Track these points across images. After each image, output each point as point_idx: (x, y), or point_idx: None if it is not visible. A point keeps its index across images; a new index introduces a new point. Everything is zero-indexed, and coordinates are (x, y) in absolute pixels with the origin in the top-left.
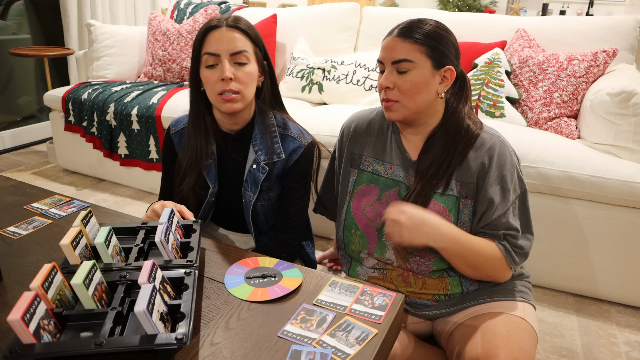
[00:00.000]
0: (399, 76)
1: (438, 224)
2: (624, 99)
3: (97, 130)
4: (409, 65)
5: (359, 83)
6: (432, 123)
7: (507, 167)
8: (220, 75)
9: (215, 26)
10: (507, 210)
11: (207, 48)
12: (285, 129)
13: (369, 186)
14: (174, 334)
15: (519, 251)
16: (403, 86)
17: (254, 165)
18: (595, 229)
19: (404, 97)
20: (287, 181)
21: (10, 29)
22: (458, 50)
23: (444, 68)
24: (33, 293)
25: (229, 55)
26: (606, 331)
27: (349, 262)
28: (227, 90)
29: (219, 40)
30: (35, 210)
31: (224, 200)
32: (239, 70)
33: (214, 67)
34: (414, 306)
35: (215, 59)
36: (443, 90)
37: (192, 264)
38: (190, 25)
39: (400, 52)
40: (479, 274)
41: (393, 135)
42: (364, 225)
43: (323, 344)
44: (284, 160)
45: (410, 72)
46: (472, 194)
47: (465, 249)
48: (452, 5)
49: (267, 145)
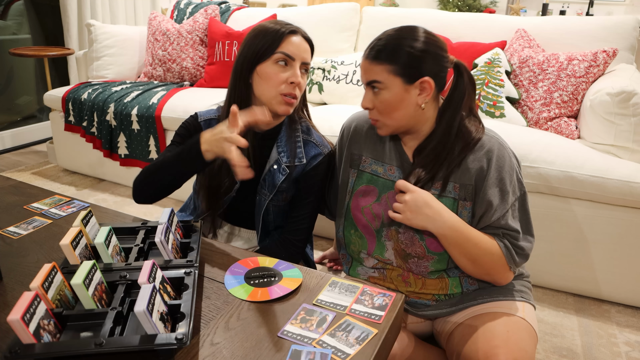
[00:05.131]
0: (375, 96)
1: (440, 209)
2: (624, 99)
3: (97, 130)
4: (379, 85)
5: (359, 83)
6: (427, 128)
7: (505, 169)
8: (291, 77)
9: (295, 31)
10: (506, 212)
11: (285, 49)
12: (309, 134)
13: (368, 187)
14: (174, 334)
15: (519, 251)
16: (379, 106)
17: (275, 165)
18: (595, 229)
19: (382, 116)
20: (302, 185)
21: (10, 29)
22: (440, 56)
23: (419, 80)
24: (33, 293)
25: (300, 63)
26: (606, 331)
27: (350, 261)
28: (292, 93)
29: (297, 46)
30: (35, 210)
31: (239, 194)
32: (302, 79)
33: (284, 67)
34: (414, 306)
35: (289, 61)
36: (424, 101)
37: (192, 264)
38: (190, 25)
39: (370, 74)
40: (478, 269)
41: (391, 137)
42: (363, 226)
43: (323, 344)
44: (304, 164)
45: (382, 91)
46: (470, 196)
47: (464, 238)
48: (452, 5)
49: (291, 148)
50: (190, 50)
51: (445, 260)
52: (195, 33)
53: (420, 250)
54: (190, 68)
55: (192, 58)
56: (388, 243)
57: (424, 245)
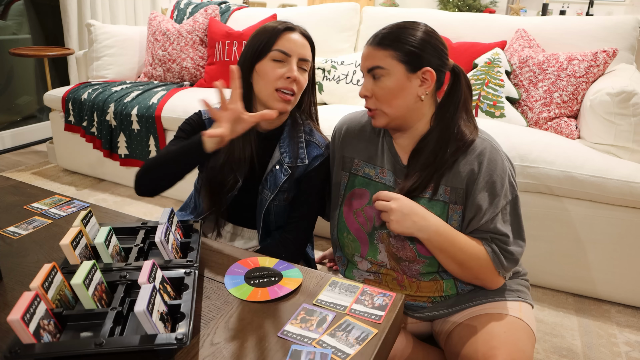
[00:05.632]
0: (374, 83)
1: (424, 214)
2: (624, 99)
3: (97, 130)
4: (381, 71)
5: (359, 83)
6: (421, 127)
7: (497, 172)
8: (286, 72)
9: (292, 28)
10: (496, 216)
11: (281, 46)
12: (311, 135)
13: (360, 190)
14: (174, 334)
15: (508, 256)
16: (378, 93)
17: (277, 166)
18: (595, 229)
19: (381, 104)
20: (303, 185)
21: (10, 29)
22: (441, 50)
23: (422, 70)
24: (33, 293)
25: (297, 59)
26: (606, 331)
27: (346, 263)
28: (288, 88)
29: (294, 42)
30: (35, 210)
31: (241, 194)
32: (301, 75)
33: (281, 64)
34: (411, 308)
35: (285, 57)
36: (424, 93)
37: (192, 264)
38: (190, 25)
39: (373, 59)
40: (466, 273)
41: (385, 139)
42: (355, 230)
43: (323, 344)
44: (306, 165)
45: (383, 78)
46: (461, 199)
47: (449, 243)
48: (452, 5)
49: (293, 149)
50: (190, 50)
51: (436, 263)
52: (195, 33)
53: (411, 254)
54: (190, 68)
55: (192, 58)
56: (380, 246)
57: (415, 250)
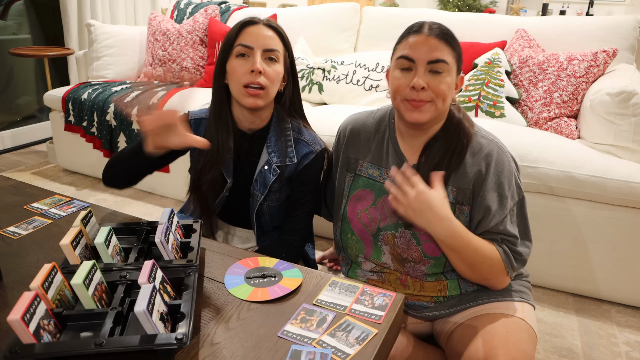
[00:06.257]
0: (433, 77)
1: (442, 216)
2: (624, 99)
3: (97, 130)
4: (444, 66)
5: (359, 83)
6: (436, 127)
7: (504, 174)
8: (250, 66)
9: (253, 22)
10: (505, 217)
11: (242, 40)
12: (300, 133)
13: (364, 191)
14: (174, 334)
15: (517, 257)
16: (438, 87)
17: (266, 166)
18: (595, 229)
19: (438, 99)
20: (295, 184)
21: (10, 29)
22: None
23: (460, 76)
24: (33, 293)
25: (262, 51)
26: (606, 331)
27: (349, 263)
28: (254, 82)
29: (255, 34)
30: (35, 210)
31: (233, 195)
32: (269, 67)
33: (245, 59)
34: (413, 308)
35: (248, 51)
36: (454, 96)
37: (192, 264)
38: (190, 25)
39: (439, 52)
40: (475, 274)
41: (390, 140)
42: (359, 231)
43: (323, 344)
44: (295, 163)
45: (444, 74)
46: (468, 200)
47: (464, 245)
48: (452, 5)
49: (281, 148)
50: (190, 50)
51: (442, 264)
52: (195, 33)
53: (417, 255)
54: (190, 68)
55: (192, 58)
56: (385, 247)
57: (421, 250)
